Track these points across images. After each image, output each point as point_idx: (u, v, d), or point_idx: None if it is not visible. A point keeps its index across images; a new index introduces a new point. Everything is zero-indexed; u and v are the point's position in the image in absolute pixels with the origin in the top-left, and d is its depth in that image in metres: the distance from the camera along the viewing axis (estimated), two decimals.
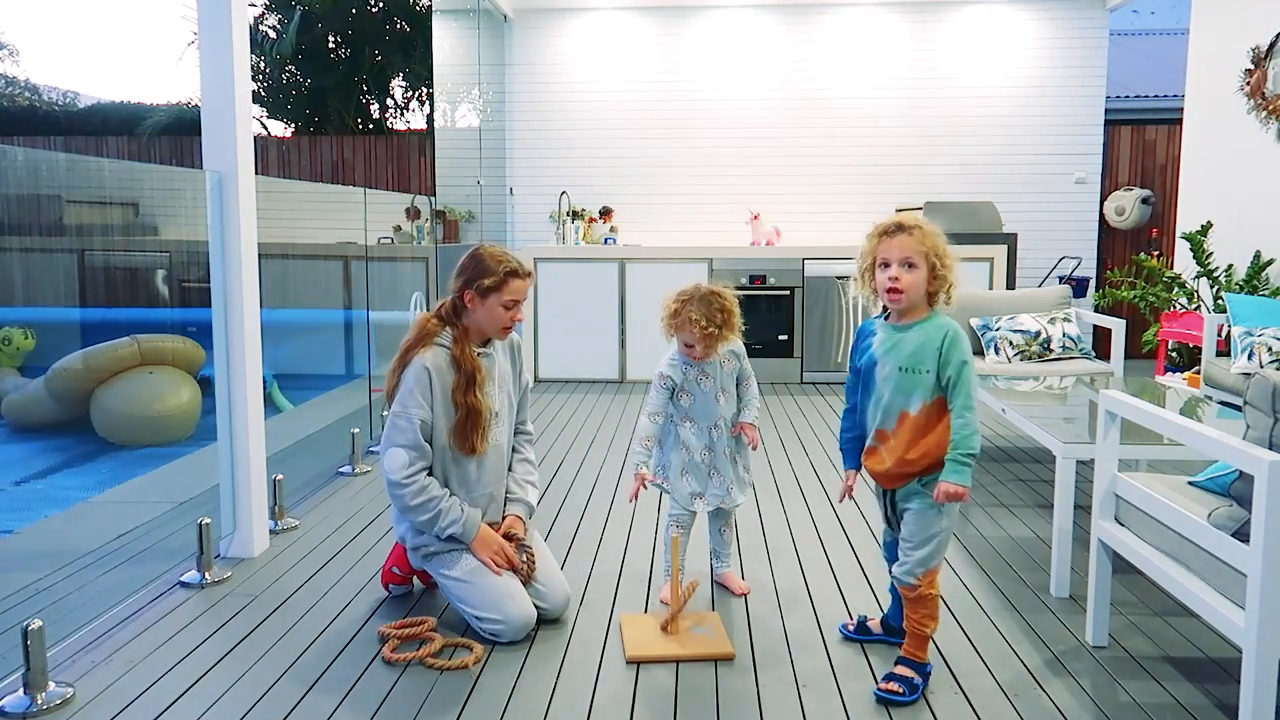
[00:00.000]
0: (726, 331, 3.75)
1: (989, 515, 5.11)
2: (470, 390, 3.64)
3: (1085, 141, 10.28)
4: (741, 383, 3.94)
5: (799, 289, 9.09)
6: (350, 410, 6.91)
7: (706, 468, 3.88)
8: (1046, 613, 3.85)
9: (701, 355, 3.80)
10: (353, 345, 8.33)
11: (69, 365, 7.83)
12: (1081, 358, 6.37)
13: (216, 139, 4.33)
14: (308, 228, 8.61)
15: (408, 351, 3.65)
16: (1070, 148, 10.29)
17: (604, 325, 9.24)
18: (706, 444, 3.86)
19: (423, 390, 3.59)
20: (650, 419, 3.85)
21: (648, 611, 3.86)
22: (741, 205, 10.22)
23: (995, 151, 10.31)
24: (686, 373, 3.85)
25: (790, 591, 4.06)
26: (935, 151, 10.32)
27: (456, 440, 3.65)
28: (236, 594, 4.04)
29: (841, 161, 10.35)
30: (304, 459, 6.04)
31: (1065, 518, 3.97)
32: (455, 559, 3.69)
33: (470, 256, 3.72)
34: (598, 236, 10.27)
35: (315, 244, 8.80)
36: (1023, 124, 10.28)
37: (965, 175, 10.31)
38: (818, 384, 9.13)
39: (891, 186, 10.18)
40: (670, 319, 3.78)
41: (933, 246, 3.11)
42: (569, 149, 10.57)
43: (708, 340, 3.74)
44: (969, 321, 6.57)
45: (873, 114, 10.34)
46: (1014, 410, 4.71)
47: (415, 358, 3.62)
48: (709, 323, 3.70)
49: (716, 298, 3.75)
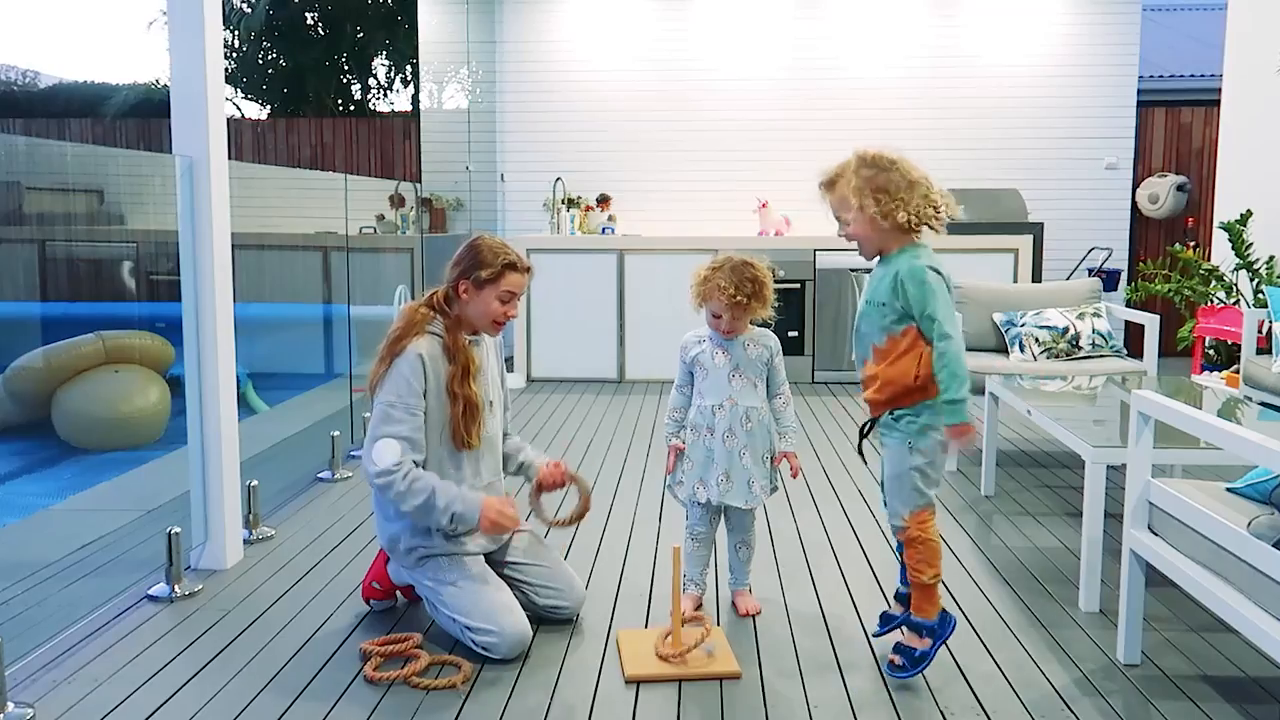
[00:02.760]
0: (756, 304, 3.79)
1: (1013, 524, 5.11)
2: (466, 381, 3.67)
3: (1116, 124, 10.29)
4: (771, 378, 3.98)
5: (810, 282, 9.09)
6: (330, 412, 6.90)
7: (705, 450, 3.90)
8: (1075, 629, 3.85)
9: (729, 328, 3.84)
10: (333, 342, 8.32)
11: (29, 364, 7.83)
12: (1112, 355, 6.37)
13: (187, 121, 4.32)
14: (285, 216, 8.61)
15: (398, 341, 3.65)
16: (1100, 131, 10.29)
17: (601, 321, 9.22)
18: (709, 425, 3.88)
19: (418, 380, 3.59)
20: (678, 391, 4.01)
21: (648, 627, 3.86)
22: (749, 193, 10.19)
23: (1020, 135, 10.31)
24: (703, 344, 3.93)
25: (802, 609, 4.06)
26: (956, 135, 10.32)
27: (451, 434, 3.67)
28: (208, 608, 4.04)
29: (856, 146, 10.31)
30: (281, 464, 6.03)
31: (1095, 527, 3.96)
32: (451, 564, 3.69)
33: (468, 247, 3.75)
34: (595, 226, 10.27)
35: (293, 234, 8.80)
36: (1050, 106, 10.29)
37: (988, 161, 10.31)
38: (830, 384, 9.13)
39: None
40: (699, 286, 3.84)
41: (855, 188, 3.26)
42: (564, 132, 10.57)
43: (735, 310, 3.77)
44: (992, 316, 6.57)
45: (889, 95, 10.34)
46: (1040, 412, 4.71)
47: (408, 346, 3.62)
48: (737, 290, 3.74)
49: (749, 268, 3.80)
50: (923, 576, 3.35)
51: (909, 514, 3.34)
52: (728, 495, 3.88)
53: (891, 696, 3.31)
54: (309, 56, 16.15)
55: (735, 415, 3.86)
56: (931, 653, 3.37)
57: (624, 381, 9.27)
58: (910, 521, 3.34)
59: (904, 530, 3.36)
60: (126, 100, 16.70)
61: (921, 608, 3.38)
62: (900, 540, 3.40)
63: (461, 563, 3.71)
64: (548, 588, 3.87)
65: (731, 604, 4.07)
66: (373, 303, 8.07)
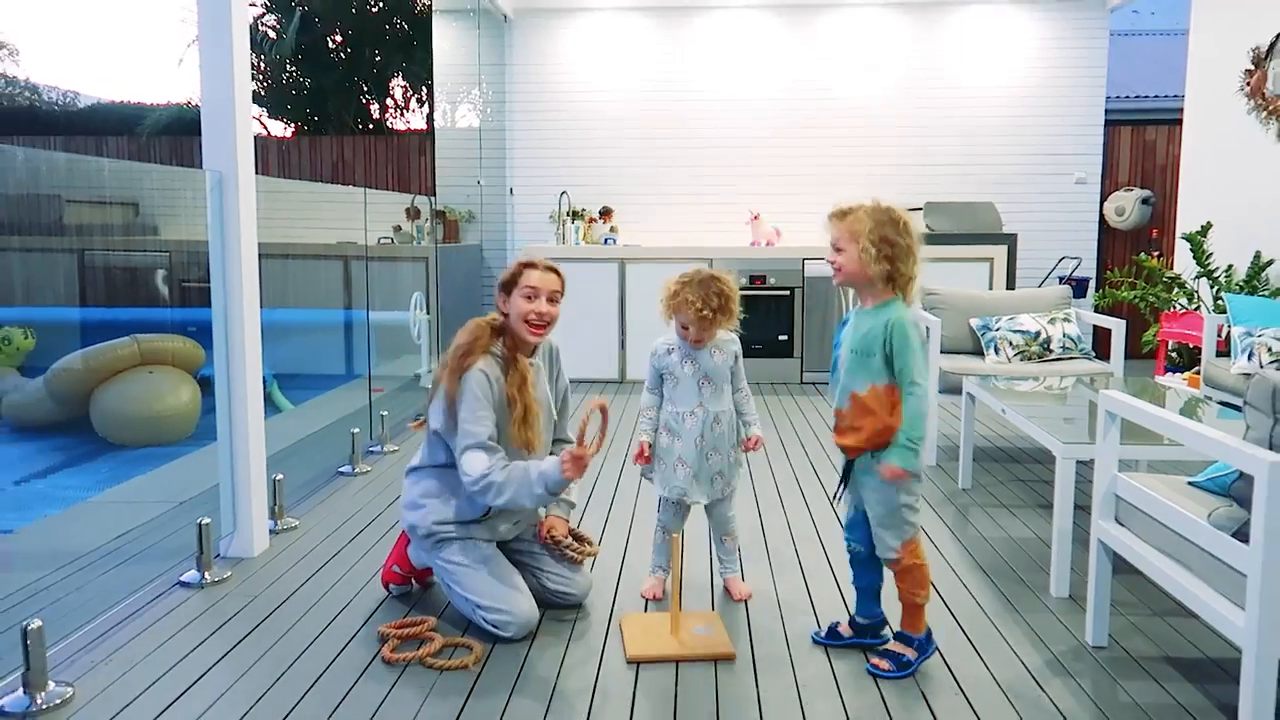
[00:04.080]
0: (722, 317, 3.78)
1: (989, 515, 5.11)
2: (524, 387, 3.68)
3: (1086, 141, 10.29)
4: (735, 378, 3.96)
5: (799, 289, 9.09)
6: (350, 410, 6.90)
7: (674, 453, 3.90)
8: (1047, 613, 3.85)
9: (695, 338, 3.83)
10: (352, 345, 8.33)
11: (69, 365, 7.83)
12: (1081, 358, 6.37)
13: (216, 138, 4.33)
14: (308, 228, 8.61)
15: (464, 357, 3.65)
16: (1071, 148, 10.29)
17: (604, 325, 9.23)
18: (679, 429, 3.89)
19: (486, 395, 3.60)
20: (649, 392, 4.00)
21: (648, 611, 3.86)
22: (742, 205, 10.20)
23: (996, 151, 10.31)
24: (671, 353, 3.92)
25: (791, 596, 4.06)
26: (936, 151, 10.32)
27: (514, 436, 3.66)
28: (236, 594, 4.04)
29: (842, 161, 10.35)
30: (304, 459, 6.03)
31: (1065, 518, 3.96)
32: (467, 546, 3.72)
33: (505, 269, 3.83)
34: (597, 236, 10.27)
35: (315, 244, 8.81)
36: (1024, 124, 10.29)
37: (966, 175, 10.31)
38: (818, 384, 9.12)
39: (893, 186, 10.12)
40: (669, 300, 3.82)
41: (864, 230, 3.18)
42: (569, 149, 10.57)
43: (702, 323, 3.76)
44: (969, 321, 6.57)
45: (874, 113, 10.34)
46: (1014, 410, 4.71)
47: (473, 366, 3.63)
48: (704, 305, 3.73)
49: (715, 282, 3.78)
50: (916, 599, 3.33)
51: (901, 545, 3.30)
52: (692, 493, 3.91)
53: (875, 679, 3.31)
54: (330, 78, 16.14)
55: (705, 421, 3.86)
56: (916, 663, 3.35)
57: (625, 381, 9.28)
58: (902, 552, 3.30)
59: (897, 561, 3.31)
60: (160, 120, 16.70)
61: (914, 625, 3.36)
62: (893, 570, 3.35)
63: (477, 546, 3.73)
64: (558, 574, 3.89)
65: (724, 589, 4.08)
66: (390, 308, 8.08)
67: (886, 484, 3.24)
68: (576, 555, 3.92)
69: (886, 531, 3.31)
